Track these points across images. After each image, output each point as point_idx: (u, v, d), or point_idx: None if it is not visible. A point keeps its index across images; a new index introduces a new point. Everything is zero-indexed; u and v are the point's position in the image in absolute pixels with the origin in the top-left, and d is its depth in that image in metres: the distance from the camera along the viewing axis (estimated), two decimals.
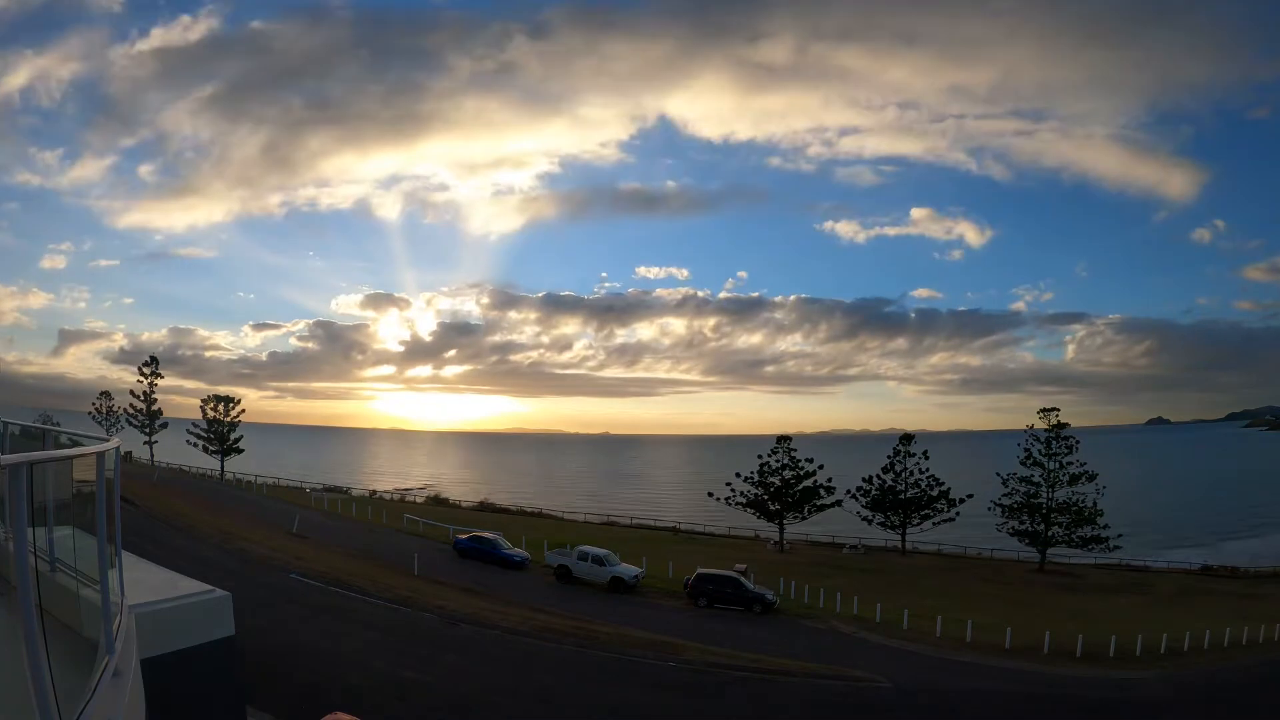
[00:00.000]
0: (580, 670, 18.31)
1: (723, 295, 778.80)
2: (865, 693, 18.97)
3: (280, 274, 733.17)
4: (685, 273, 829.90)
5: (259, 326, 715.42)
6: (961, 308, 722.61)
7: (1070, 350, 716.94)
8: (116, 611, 4.44)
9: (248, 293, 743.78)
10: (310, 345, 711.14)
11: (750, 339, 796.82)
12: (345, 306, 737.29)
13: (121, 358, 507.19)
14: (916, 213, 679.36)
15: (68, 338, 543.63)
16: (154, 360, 72.95)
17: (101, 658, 3.88)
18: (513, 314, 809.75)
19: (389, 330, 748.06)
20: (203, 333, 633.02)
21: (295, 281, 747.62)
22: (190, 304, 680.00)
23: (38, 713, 2.74)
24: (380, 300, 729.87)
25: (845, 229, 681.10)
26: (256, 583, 23.09)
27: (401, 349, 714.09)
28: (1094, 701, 20.55)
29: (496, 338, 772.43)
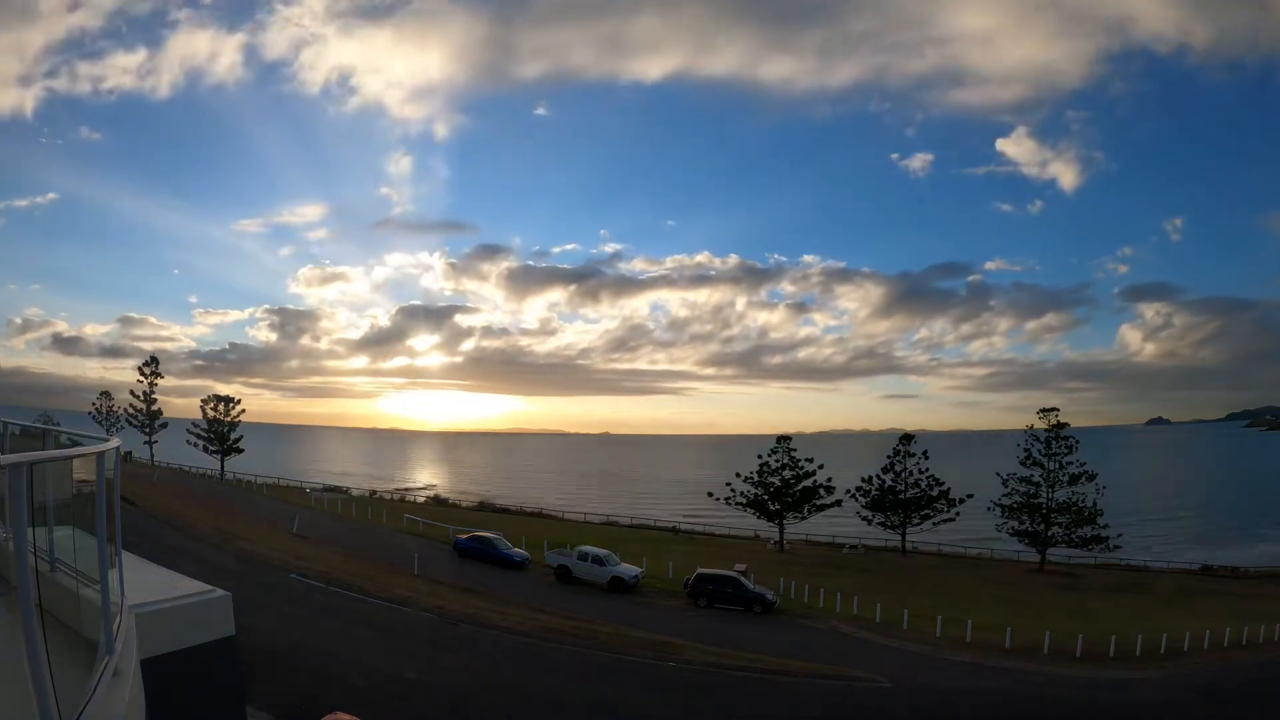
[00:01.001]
0: (580, 670, 18.31)
1: (732, 264, 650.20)
2: (865, 692, 18.98)
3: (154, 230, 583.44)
4: (689, 225, 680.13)
5: (205, 310, 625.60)
6: (1025, 281, 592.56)
7: (1120, 338, 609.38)
8: (116, 611, 4.44)
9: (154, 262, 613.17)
10: (268, 336, 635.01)
11: (767, 317, 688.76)
12: (265, 277, 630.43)
13: (56, 345, 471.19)
14: (1006, 144, 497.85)
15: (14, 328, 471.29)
16: (154, 360, 73.14)
17: (101, 658, 3.88)
18: (476, 285, 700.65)
19: (347, 317, 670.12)
20: (154, 320, 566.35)
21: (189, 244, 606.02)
22: (116, 285, 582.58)
23: (38, 713, 2.74)
24: (327, 277, 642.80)
25: (919, 163, 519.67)
26: (256, 583, 23.09)
27: (362, 336, 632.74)
28: (1094, 701, 20.55)
29: (467, 320, 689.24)
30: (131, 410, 72.30)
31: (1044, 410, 50.51)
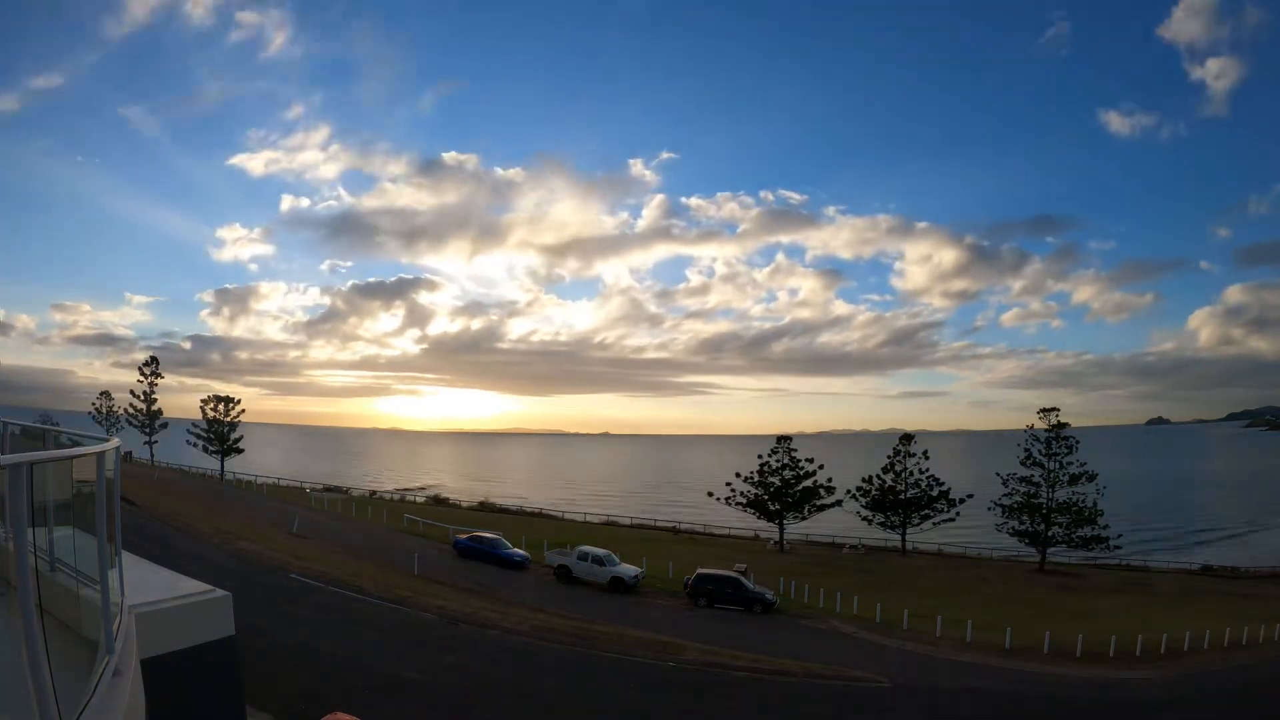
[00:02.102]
0: (580, 670, 18.30)
1: (758, 214, 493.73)
2: (865, 692, 18.97)
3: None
4: (706, 145, 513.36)
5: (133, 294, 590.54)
6: (1125, 239, 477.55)
7: (1189, 324, 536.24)
8: (116, 611, 4.45)
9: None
10: (216, 322, 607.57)
11: (797, 283, 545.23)
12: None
13: None
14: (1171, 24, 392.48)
15: None
16: (154, 360, 73.15)
17: (101, 658, 3.88)
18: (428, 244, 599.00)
19: (293, 298, 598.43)
20: (85, 307, 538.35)
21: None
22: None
23: (38, 713, 2.74)
24: (243, 238, 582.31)
25: (1050, 39, 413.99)
26: (256, 583, 23.08)
27: (315, 321, 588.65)
28: (1094, 701, 20.54)
29: (430, 297, 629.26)
30: (131, 410, 72.45)
31: (1044, 410, 50.57)
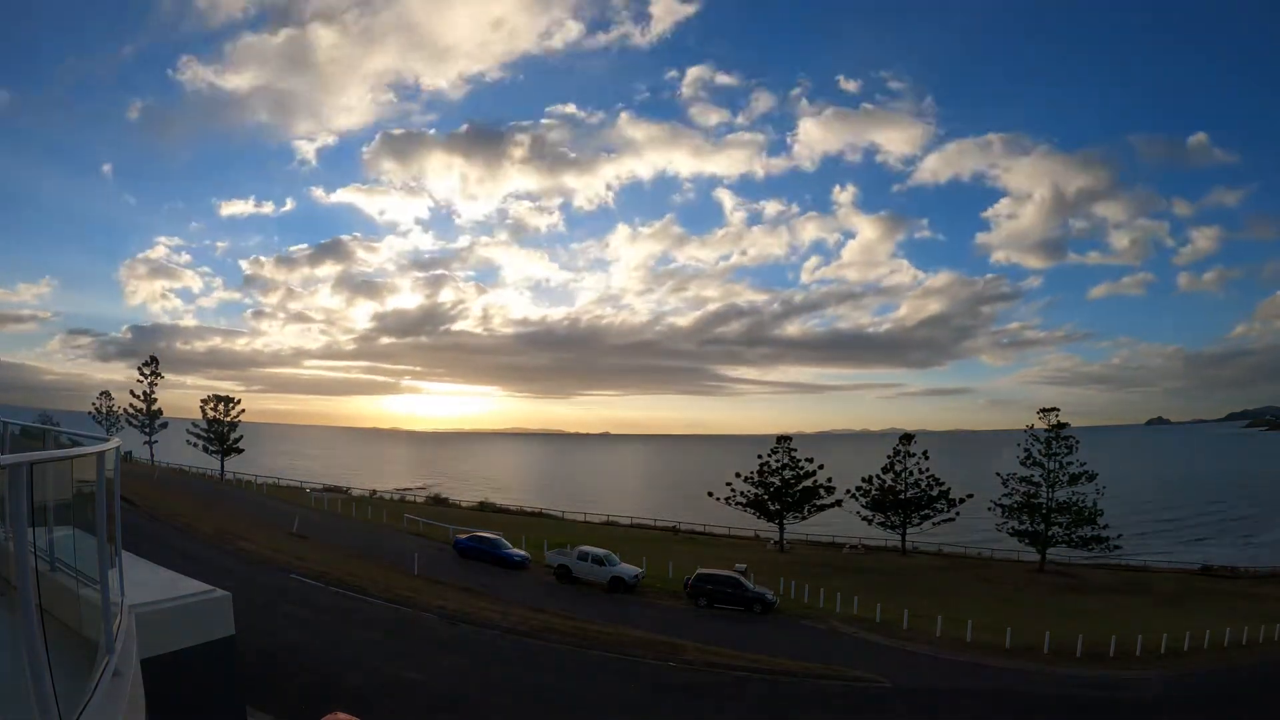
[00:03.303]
0: (580, 670, 18.30)
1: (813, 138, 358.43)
2: (865, 692, 18.97)
3: None
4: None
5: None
6: (1244, 188, 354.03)
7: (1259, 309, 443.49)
8: (116, 611, 4.45)
9: None
10: (137, 301, 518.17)
11: (850, 226, 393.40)
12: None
13: None
14: None
15: None
16: (154, 360, 73.14)
17: (101, 658, 3.89)
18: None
19: (209, 271, 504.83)
20: None
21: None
22: None
23: (38, 713, 2.74)
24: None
25: None
26: (256, 583, 23.08)
27: (245, 286, 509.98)
28: (1093, 701, 20.55)
29: (370, 257, 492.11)
30: (131, 410, 72.48)
31: (1044, 410, 50.56)
